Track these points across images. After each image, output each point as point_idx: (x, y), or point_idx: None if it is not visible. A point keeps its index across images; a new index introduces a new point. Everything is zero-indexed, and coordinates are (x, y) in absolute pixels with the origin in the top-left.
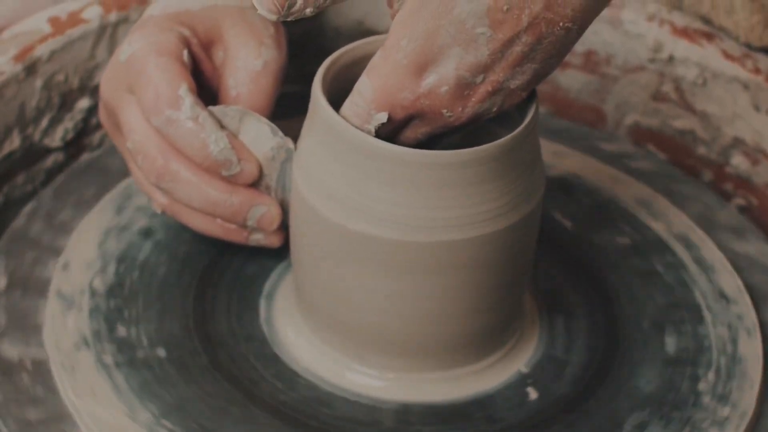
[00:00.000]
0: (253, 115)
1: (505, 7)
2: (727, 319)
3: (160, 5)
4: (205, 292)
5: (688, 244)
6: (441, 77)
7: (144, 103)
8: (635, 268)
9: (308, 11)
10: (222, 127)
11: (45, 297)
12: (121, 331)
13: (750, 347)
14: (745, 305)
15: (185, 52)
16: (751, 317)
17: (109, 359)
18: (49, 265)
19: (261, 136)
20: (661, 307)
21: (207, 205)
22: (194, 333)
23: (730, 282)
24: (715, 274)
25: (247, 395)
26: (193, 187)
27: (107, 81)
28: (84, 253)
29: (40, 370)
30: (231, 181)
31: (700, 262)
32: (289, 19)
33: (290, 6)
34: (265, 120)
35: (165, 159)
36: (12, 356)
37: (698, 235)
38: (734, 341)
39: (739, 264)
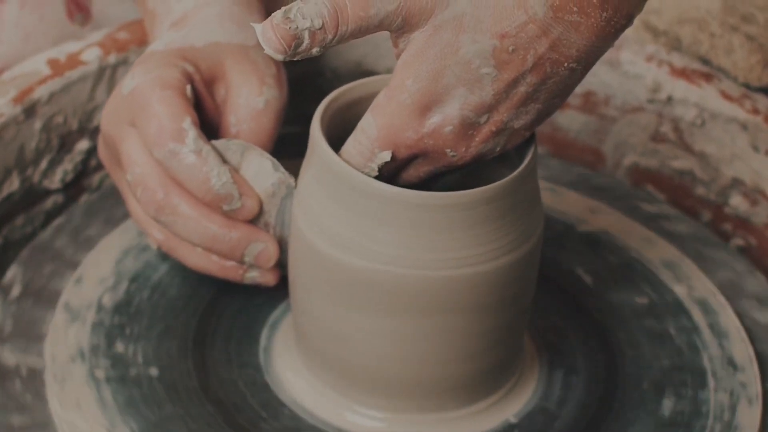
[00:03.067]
0: (256, 150)
1: (510, 48)
2: (730, 386)
3: (164, 41)
4: (209, 319)
5: (706, 309)
6: (445, 117)
7: (146, 135)
8: (648, 328)
9: (315, 51)
10: (224, 161)
11: (54, 308)
12: (119, 347)
13: (749, 416)
14: (752, 374)
15: (188, 87)
16: (755, 387)
17: (101, 374)
18: (65, 277)
19: (262, 171)
20: (666, 369)
21: (205, 239)
22: (190, 357)
23: (742, 350)
24: (728, 341)
25: (231, 423)
26: (193, 221)
27: (108, 114)
28: (99, 269)
29: (34, 379)
30: (230, 216)
31: (714, 327)
32: (295, 59)
33: (297, 46)
34: (267, 155)
35: (165, 192)
36: (10, 363)
37: (718, 301)
38: (733, 409)
39: (757, 334)
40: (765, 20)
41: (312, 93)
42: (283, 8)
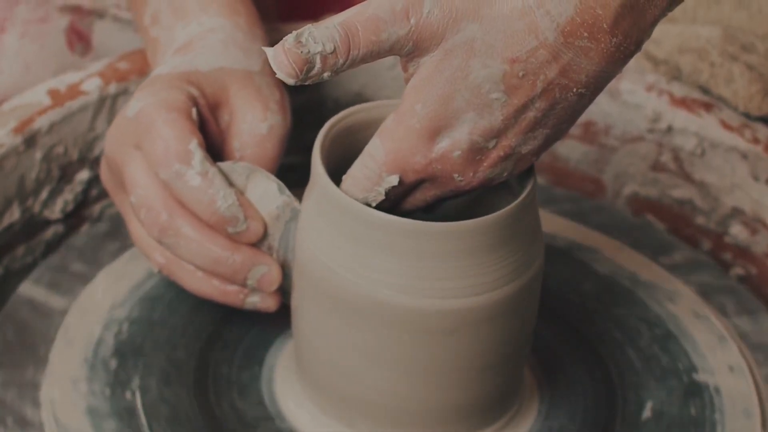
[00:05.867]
0: (262, 172)
1: (520, 73)
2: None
3: (168, 65)
4: (211, 347)
5: (708, 340)
6: (454, 142)
7: (152, 157)
8: (649, 359)
9: (326, 75)
10: (230, 183)
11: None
12: (118, 374)
13: None
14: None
15: (194, 110)
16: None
17: (98, 402)
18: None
19: (268, 194)
20: (666, 400)
21: (208, 262)
22: (191, 385)
23: (743, 383)
24: (731, 373)
25: None
26: (196, 243)
27: (113, 136)
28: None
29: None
30: (234, 239)
31: (716, 359)
32: (306, 83)
33: (308, 70)
34: (273, 177)
35: (169, 213)
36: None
37: (719, 330)
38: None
39: (757, 361)
40: (765, 50)
41: (313, 122)
42: (295, 32)
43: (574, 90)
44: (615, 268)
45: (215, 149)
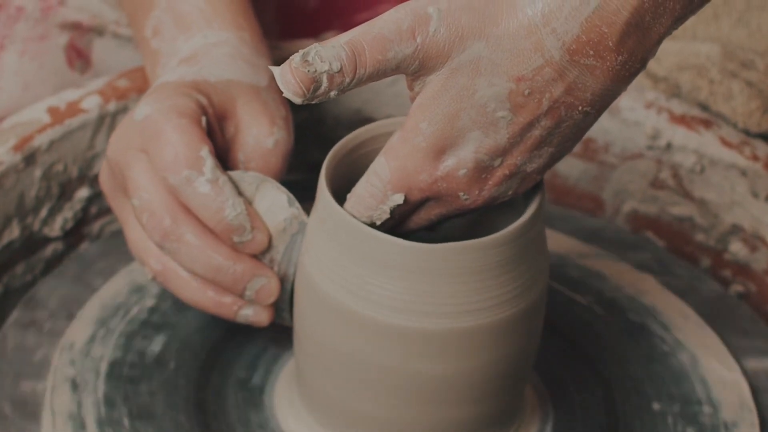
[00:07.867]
0: (272, 183)
1: (526, 91)
2: None
3: (176, 73)
4: (208, 375)
5: (708, 357)
6: (459, 160)
7: (161, 162)
8: (651, 377)
9: (332, 94)
10: (239, 192)
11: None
12: (119, 389)
13: None
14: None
15: (203, 118)
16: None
17: (96, 414)
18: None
19: (276, 206)
20: (667, 418)
21: (209, 270)
22: (191, 402)
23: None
24: (729, 391)
25: None
26: (198, 250)
27: (117, 140)
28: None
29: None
30: (237, 248)
31: (716, 380)
32: (313, 102)
33: (315, 89)
34: (283, 189)
35: (173, 219)
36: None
37: (719, 350)
38: None
39: (758, 380)
40: (765, 66)
41: (313, 140)
42: (302, 51)
43: (580, 108)
44: (616, 285)
45: (219, 160)
